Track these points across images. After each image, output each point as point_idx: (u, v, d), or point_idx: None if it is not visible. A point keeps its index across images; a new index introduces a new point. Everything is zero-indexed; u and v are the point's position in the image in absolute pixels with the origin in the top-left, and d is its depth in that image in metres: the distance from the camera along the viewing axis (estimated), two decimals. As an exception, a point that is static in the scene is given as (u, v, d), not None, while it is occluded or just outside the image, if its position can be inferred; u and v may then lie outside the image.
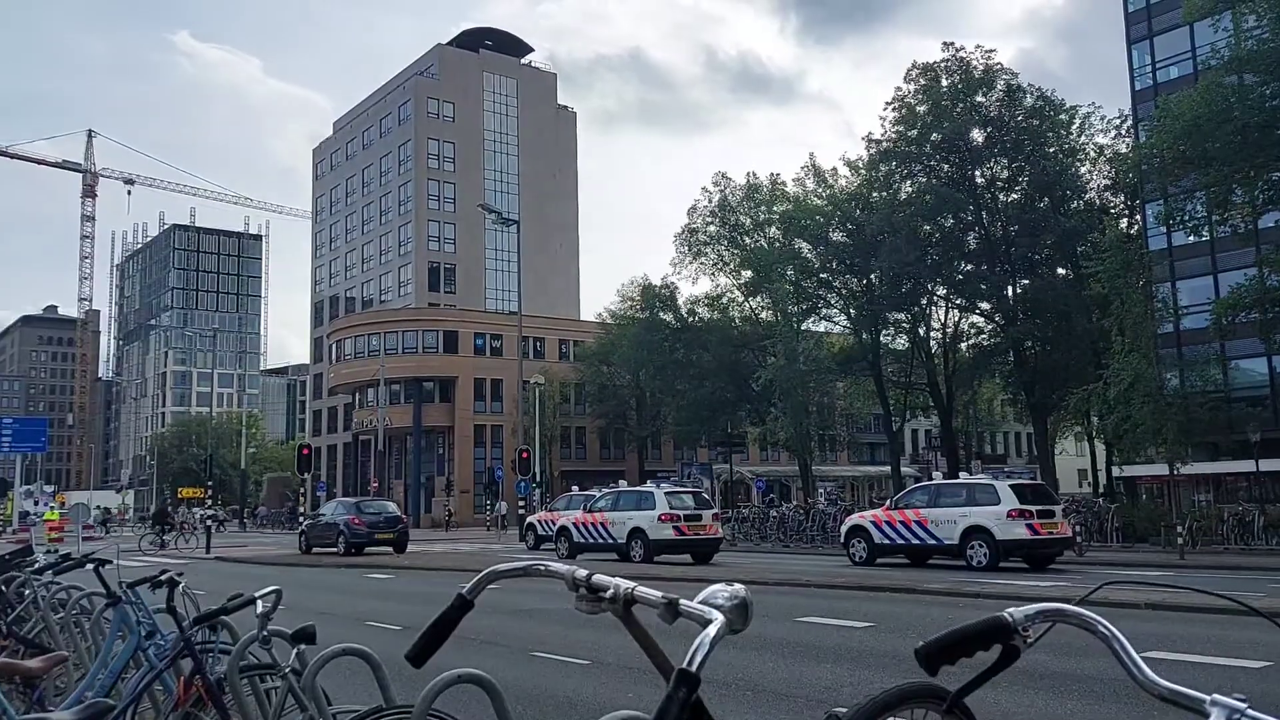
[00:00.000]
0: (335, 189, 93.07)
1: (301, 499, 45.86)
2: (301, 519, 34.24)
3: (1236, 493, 36.45)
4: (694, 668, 1.39)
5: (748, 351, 54.23)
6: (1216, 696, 1.31)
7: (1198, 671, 7.99)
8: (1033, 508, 20.42)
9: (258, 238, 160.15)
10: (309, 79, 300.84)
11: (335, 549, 28.73)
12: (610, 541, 24.38)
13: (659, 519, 23.64)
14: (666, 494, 24.67)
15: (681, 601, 1.55)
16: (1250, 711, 1.28)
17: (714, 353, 53.96)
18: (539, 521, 31.51)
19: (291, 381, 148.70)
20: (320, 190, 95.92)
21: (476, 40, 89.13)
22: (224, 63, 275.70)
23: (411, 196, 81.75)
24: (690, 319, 57.44)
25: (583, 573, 1.71)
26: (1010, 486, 21.04)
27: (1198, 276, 39.08)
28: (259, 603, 4.13)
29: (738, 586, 1.66)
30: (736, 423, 58.49)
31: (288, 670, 4.04)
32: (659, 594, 1.58)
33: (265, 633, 4.13)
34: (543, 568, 1.82)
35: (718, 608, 1.55)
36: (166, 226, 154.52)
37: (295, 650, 4.06)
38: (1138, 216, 43.28)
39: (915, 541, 21.62)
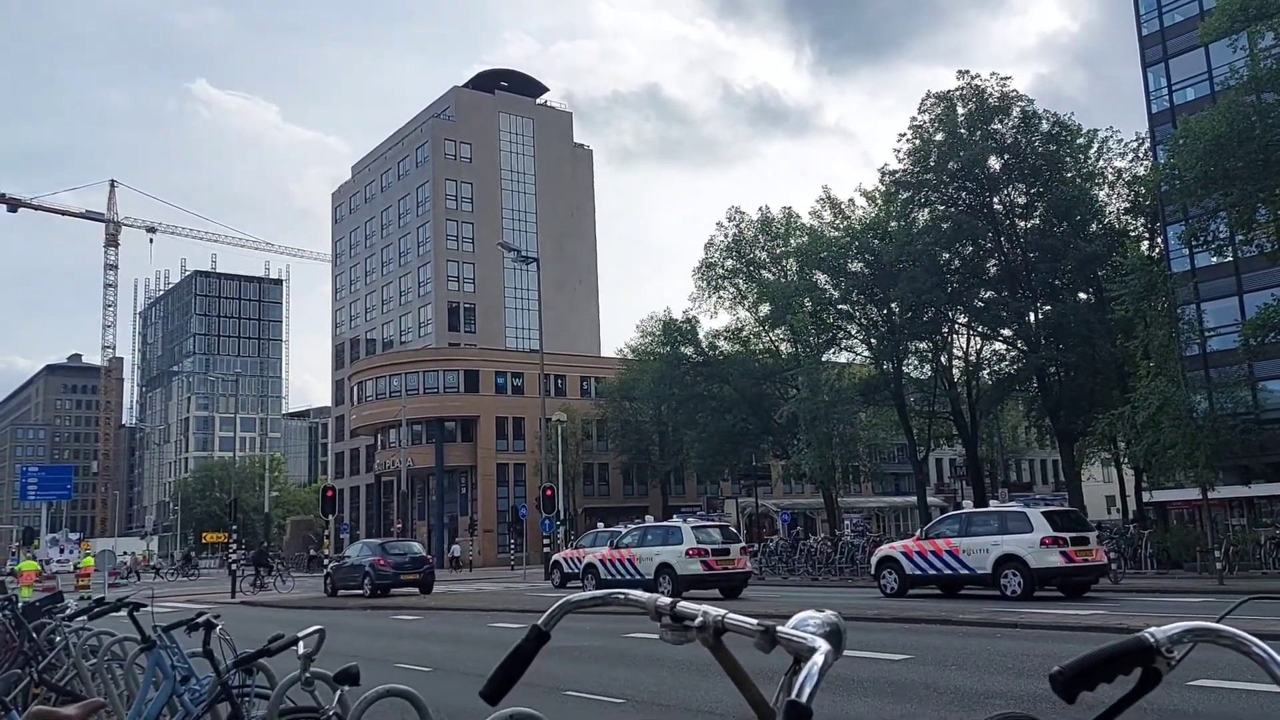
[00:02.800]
0: (354, 232, 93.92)
1: (325, 541, 45.85)
2: (327, 562, 34.18)
3: (1271, 515, 35.82)
4: (805, 699, 1.29)
5: (769, 384, 54.03)
6: None
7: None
8: (1066, 535, 20.13)
9: (278, 282, 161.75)
10: (327, 124, 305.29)
11: (361, 591, 28.59)
12: (638, 577, 24.13)
13: (686, 554, 23.44)
14: (694, 528, 24.42)
15: (779, 629, 1.45)
16: None
17: (735, 386, 53.80)
18: (565, 559, 31.29)
19: (313, 424, 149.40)
20: (340, 233, 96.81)
21: (492, 82, 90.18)
22: (242, 110, 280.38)
23: (430, 237, 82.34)
24: (711, 353, 57.33)
25: (666, 600, 1.62)
26: (1043, 513, 20.73)
27: (1223, 298, 38.66)
28: (301, 644, 4.05)
29: (829, 613, 1.57)
30: (760, 455, 58.13)
31: (331, 714, 3.95)
32: (754, 621, 1.49)
33: (309, 674, 4.04)
34: (622, 596, 1.73)
35: (815, 635, 1.46)
36: (188, 273, 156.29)
37: (338, 692, 3.97)
38: (1159, 239, 43.00)
39: (947, 571, 21.31)
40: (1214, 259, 37.32)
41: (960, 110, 44.42)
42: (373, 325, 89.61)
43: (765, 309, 53.26)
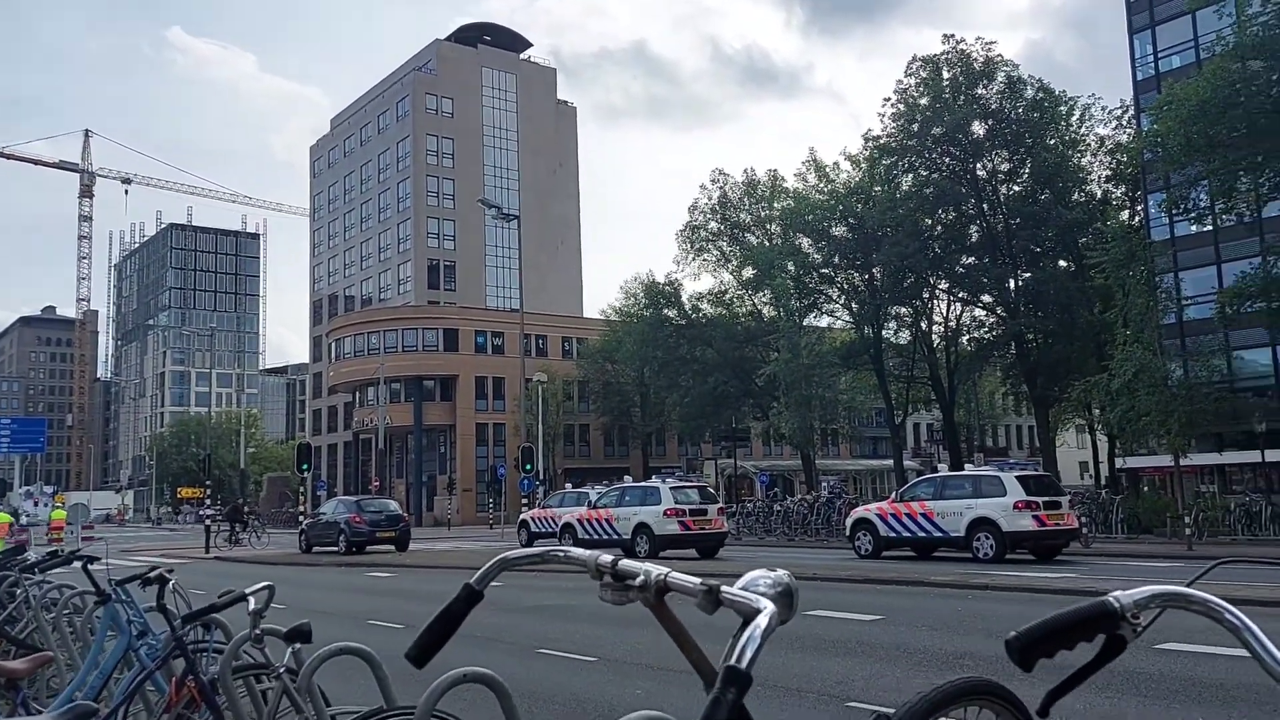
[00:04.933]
0: (333, 186, 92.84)
1: (302, 498, 45.72)
2: (302, 518, 34.11)
3: (1241, 483, 36.29)
4: (744, 664, 1.18)
5: (751, 347, 54.07)
6: None
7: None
8: (1039, 499, 20.29)
9: (255, 236, 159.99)
10: (305, 75, 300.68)
11: (336, 548, 28.55)
12: (615, 537, 24.21)
13: (664, 514, 23.54)
14: (672, 489, 24.52)
15: (723, 588, 1.35)
16: None
17: (718, 348, 53.81)
18: (532, 519, 31.37)
19: (290, 381, 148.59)
20: (318, 188, 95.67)
21: (475, 35, 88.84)
22: (218, 59, 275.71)
23: (410, 193, 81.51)
24: (694, 315, 57.27)
25: (607, 558, 1.51)
26: (1016, 478, 20.88)
27: (1201, 266, 38.84)
28: (250, 600, 3.94)
29: (781, 573, 1.46)
30: (740, 418, 58.35)
31: (283, 670, 3.85)
32: (697, 580, 1.38)
33: (258, 631, 3.94)
34: (561, 554, 1.62)
35: (762, 595, 1.35)
36: (164, 226, 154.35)
37: (290, 649, 3.87)
38: (1139, 207, 43.07)
39: (921, 534, 21.47)
40: (1193, 228, 37.44)
41: (945, 75, 44.12)
42: (351, 281, 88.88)
43: (748, 272, 53.15)
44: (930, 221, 45.92)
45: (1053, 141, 44.20)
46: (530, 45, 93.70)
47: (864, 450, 75.26)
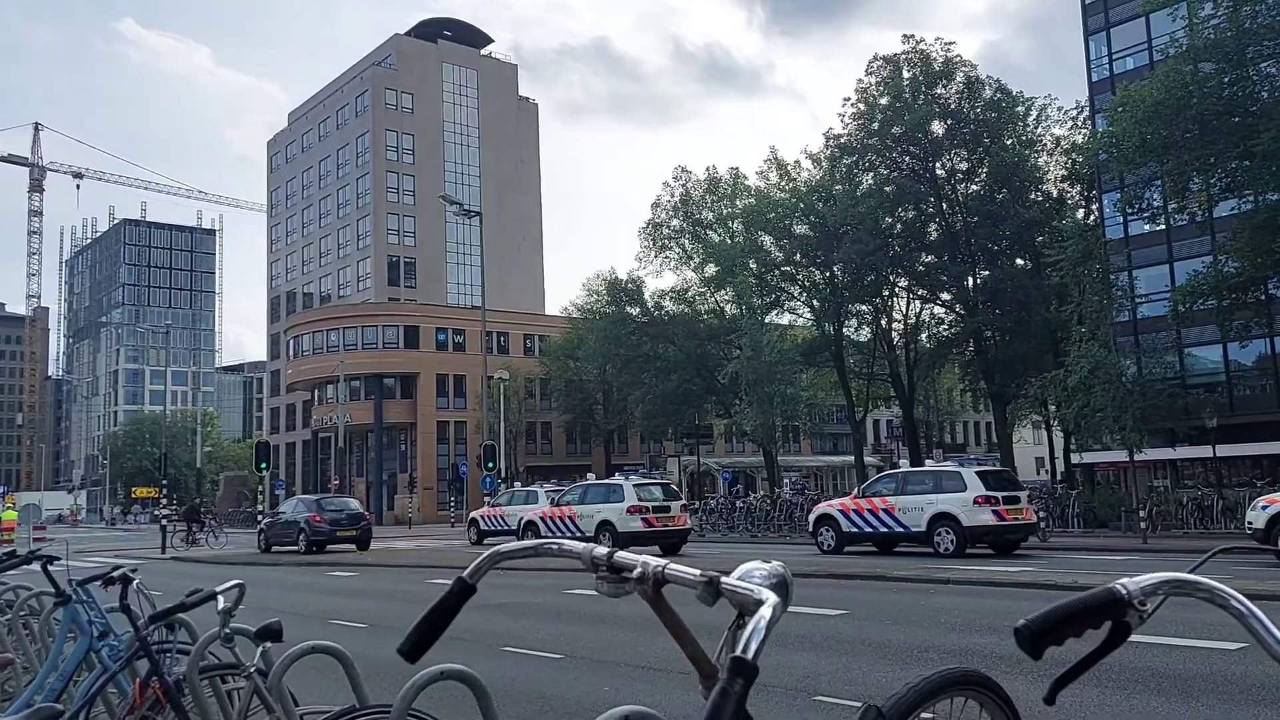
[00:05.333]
0: (291, 182, 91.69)
1: (260, 497, 45.15)
2: (261, 518, 33.68)
3: (1192, 478, 37.04)
4: (751, 655, 1.18)
5: (714, 344, 54.25)
6: None
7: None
8: (998, 494, 20.55)
9: (211, 232, 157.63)
10: (262, 69, 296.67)
11: (296, 547, 28.23)
12: (578, 535, 24.20)
13: (627, 511, 23.65)
14: (635, 486, 24.62)
15: (724, 579, 1.34)
16: None
17: (680, 346, 53.91)
18: (482, 517, 31.94)
19: (248, 379, 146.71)
20: (276, 183, 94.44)
21: (435, 31, 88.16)
22: (172, 52, 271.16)
23: (370, 189, 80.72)
24: (657, 313, 57.30)
25: (603, 550, 1.50)
26: (976, 473, 21.15)
27: (1155, 265, 39.58)
28: (220, 598, 3.88)
29: (776, 564, 1.46)
30: (703, 415, 58.53)
31: (253, 670, 3.80)
32: (697, 572, 1.37)
33: (227, 630, 3.88)
34: (555, 546, 1.60)
35: (761, 587, 1.35)
36: (116, 221, 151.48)
37: (260, 648, 3.82)
38: (1095, 206, 43.79)
39: (883, 529, 21.66)
40: (1147, 227, 38.12)
41: (905, 74, 44.57)
42: (310, 278, 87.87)
43: (711, 270, 53.32)
44: (890, 220, 46.36)
45: (1010, 141, 44.82)
46: (491, 41, 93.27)
47: (825, 447, 75.87)
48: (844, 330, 51.13)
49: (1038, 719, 5.70)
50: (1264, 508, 16.36)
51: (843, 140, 46.62)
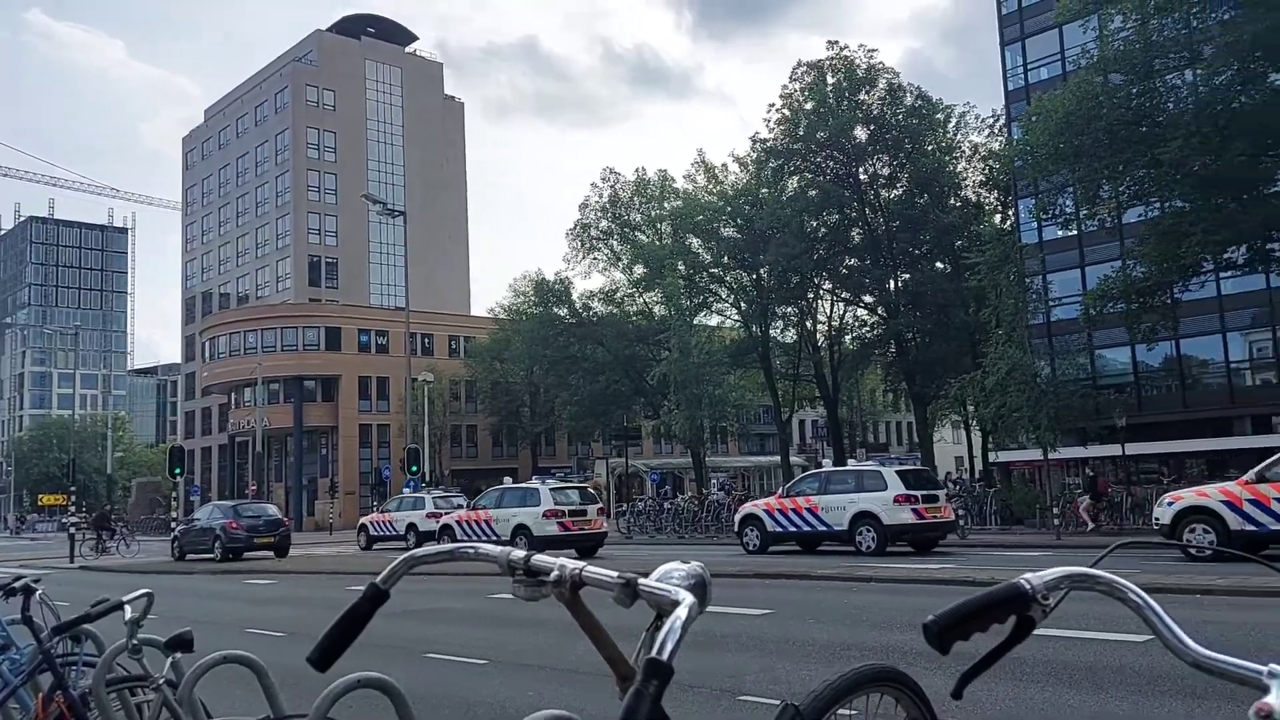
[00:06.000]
0: (208, 179, 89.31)
1: (174, 504, 43.85)
2: (174, 525, 32.70)
3: (1104, 475, 38.30)
4: (666, 656, 1.17)
5: (642, 345, 54.33)
6: (1274, 666, 1.13)
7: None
8: (918, 493, 20.96)
9: (123, 230, 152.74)
10: (178, 64, 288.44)
11: (211, 555, 27.53)
12: (494, 539, 24.11)
13: (543, 515, 23.73)
14: (552, 490, 24.70)
15: (641, 581, 1.33)
16: None
17: (609, 347, 53.85)
18: (371, 523, 32.83)
19: (161, 382, 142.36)
20: (191, 180, 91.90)
21: (358, 27, 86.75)
22: (83, 44, 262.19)
23: (290, 187, 79.04)
24: (585, 314, 57.14)
25: (520, 553, 1.47)
26: (896, 473, 21.56)
27: (1068, 269, 40.83)
28: (127, 608, 3.74)
29: (695, 564, 1.46)
30: (631, 417, 58.59)
31: (162, 681, 3.67)
32: (615, 574, 1.36)
33: (136, 641, 3.74)
34: (471, 550, 1.57)
35: (679, 588, 1.34)
36: (22, 219, 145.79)
37: (170, 659, 3.69)
38: (1011, 212, 45.03)
39: (806, 528, 21.93)
40: (1060, 232, 39.32)
41: (829, 80, 45.27)
42: (227, 278, 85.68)
43: (639, 271, 53.41)
44: (815, 223, 47.05)
45: (931, 148, 45.87)
46: (416, 39, 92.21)
47: (752, 447, 76.54)
48: (771, 332, 51.69)
49: (953, 713, 5.83)
50: (1170, 504, 16.96)
51: (769, 144, 47.17)
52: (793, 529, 22.18)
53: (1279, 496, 15.30)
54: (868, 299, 48.82)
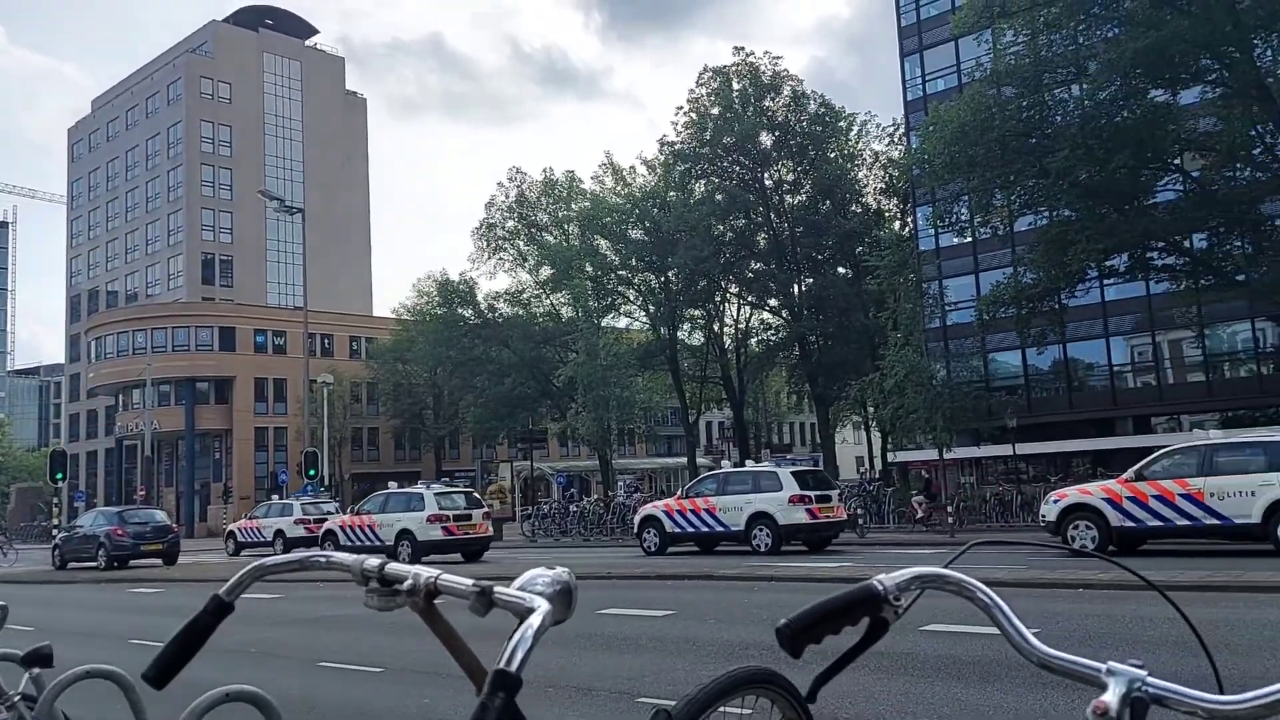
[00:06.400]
0: (95, 172, 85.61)
1: (56, 510, 41.84)
2: (56, 532, 31.22)
3: (996, 474, 39.65)
4: (514, 667, 1.11)
5: (549, 347, 54.06)
6: (1113, 664, 1.16)
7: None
8: (812, 493, 21.26)
9: (4, 225, 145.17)
10: (62, 50, 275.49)
11: (95, 563, 26.36)
12: (377, 544, 23.80)
13: (427, 520, 23.49)
14: (436, 495, 24.45)
15: (496, 589, 1.27)
16: (1152, 679, 1.13)
17: (515, 349, 53.43)
18: (240, 529, 32.93)
19: (44, 383, 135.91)
20: (77, 173, 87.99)
21: (256, 18, 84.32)
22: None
23: (182, 182, 76.34)
24: (490, 315, 56.56)
25: (374, 562, 1.40)
26: (792, 473, 21.86)
27: (962, 275, 42.17)
28: (-21, 623, 3.51)
29: (560, 570, 1.41)
30: (537, 419, 58.23)
31: (17, 698, 3.46)
32: (469, 582, 1.30)
33: (-12, 656, 3.52)
34: (323, 560, 1.49)
35: (538, 594, 1.29)
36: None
37: (28, 674, 3.48)
38: (909, 219, 46.28)
39: (705, 529, 22.05)
40: (956, 239, 40.59)
41: (735, 86, 45.87)
42: (115, 275, 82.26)
43: (546, 272, 53.16)
44: (722, 228, 47.61)
45: (833, 155, 46.89)
46: (317, 32, 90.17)
47: (659, 449, 76.89)
48: (678, 334, 52.06)
49: (830, 714, 5.92)
50: (1055, 502, 17.57)
51: (677, 148, 47.55)
52: (691, 530, 22.28)
53: (1157, 494, 15.99)
54: (773, 302, 49.63)
